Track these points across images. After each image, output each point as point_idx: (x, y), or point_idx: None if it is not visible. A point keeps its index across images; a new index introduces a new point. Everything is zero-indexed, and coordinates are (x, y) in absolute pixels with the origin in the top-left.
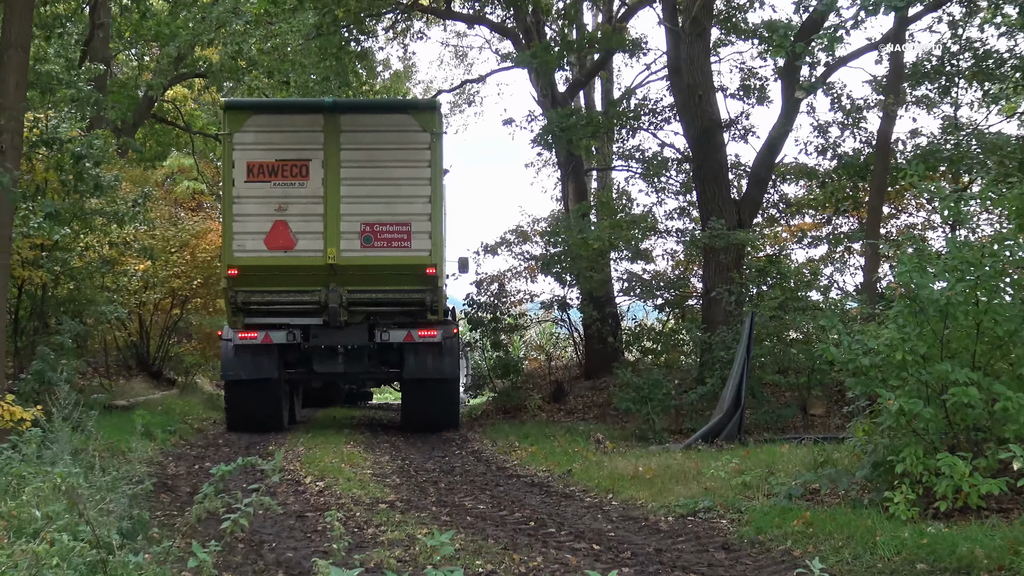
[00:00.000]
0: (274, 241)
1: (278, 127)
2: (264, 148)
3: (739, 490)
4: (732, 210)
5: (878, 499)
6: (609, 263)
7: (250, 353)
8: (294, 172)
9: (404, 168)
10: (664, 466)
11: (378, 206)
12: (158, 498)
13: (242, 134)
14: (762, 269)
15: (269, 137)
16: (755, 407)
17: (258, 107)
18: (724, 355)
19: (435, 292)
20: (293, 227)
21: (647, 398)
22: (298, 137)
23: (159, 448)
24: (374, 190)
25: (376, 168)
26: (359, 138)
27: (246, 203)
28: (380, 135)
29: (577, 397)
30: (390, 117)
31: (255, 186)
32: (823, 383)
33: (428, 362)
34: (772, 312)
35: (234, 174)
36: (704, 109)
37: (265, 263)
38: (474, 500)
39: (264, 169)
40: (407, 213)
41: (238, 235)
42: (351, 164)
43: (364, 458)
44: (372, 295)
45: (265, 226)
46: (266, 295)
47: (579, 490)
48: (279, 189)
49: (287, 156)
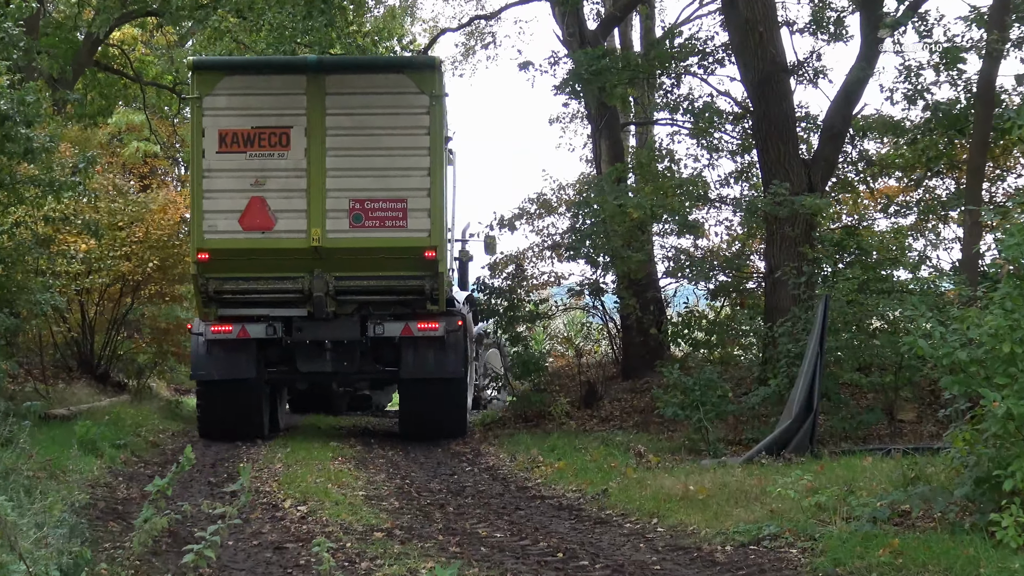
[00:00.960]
0: (250, 221)
1: (254, 89)
2: (238, 114)
3: (812, 513)
4: (800, 172)
5: (982, 522)
6: (651, 238)
7: (224, 349)
8: (273, 141)
9: (399, 136)
10: (720, 484)
11: (369, 180)
12: (106, 526)
13: (213, 98)
14: (838, 243)
15: (244, 101)
16: (830, 412)
17: (232, 67)
18: (792, 349)
19: (436, 279)
20: (272, 204)
21: (698, 402)
22: (277, 101)
23: (106, 466)
24: (365, 162)
25: (367, 136)
26: (347, 101)
27: (218, 177)
28: (371, 98)
29: (613, 401)
30: (383, 77)
31: (228, 157)
32: (913, 382)
33: (429, 359)
34: (850, 296)
35: (204, 144)
36: (766, 49)
37: (240, 246)
38: (489, 527)
39: (238, 138)
40: (403, 188)
41: (208, 214)
42: (338, 132)
43: (355, 477)
44: (363, 282)
45: (240, 203)
46: (241, 283)
47: (617, 514)
48: (256, 161)
49: (265, 123)
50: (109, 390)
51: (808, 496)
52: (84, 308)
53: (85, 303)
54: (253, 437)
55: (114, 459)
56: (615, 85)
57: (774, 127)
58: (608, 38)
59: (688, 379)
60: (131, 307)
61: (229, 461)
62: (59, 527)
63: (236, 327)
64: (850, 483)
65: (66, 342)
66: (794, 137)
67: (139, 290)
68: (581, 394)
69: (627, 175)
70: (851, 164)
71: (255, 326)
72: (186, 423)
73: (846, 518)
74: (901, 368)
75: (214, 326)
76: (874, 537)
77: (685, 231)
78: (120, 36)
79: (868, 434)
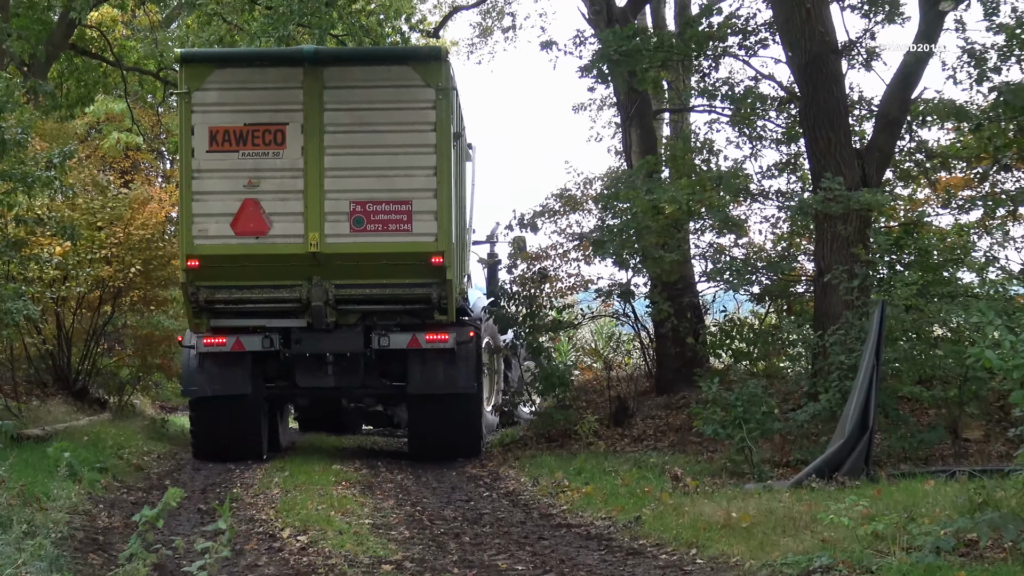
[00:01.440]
0: (243, 225)
1: (248, 83)
2: (231, 110)
3: (868, 542)
4: (853, 163)
5: None
6: (687, 237)
7: (217, 363)
8: (267, 139)
9: (403, 133)
10: (766, 511)
11: (371, 180)
12: (85, 559)
13: (203, 92)
14: (895, 242)
15: (237, 96)
16: (888, 430)
17: (223, 59)
18: (844, 360)
19: (443, 286)
20: (266, 207)
21: (741, 419)
22: (273, 96)
23: (86, 492)
24: (366, 160)
25: (368, 133)
26: (347, 96)
27: (208, 178)
28: (373, 92)
29: (646, 418)
30: (385, 70)
31: (220, 157)
32: (980, 397)
33: (439, 373)
34: (909, 301)
35: (193, 142)
36: (814, 27)
37: (232, 252)
38: (510, 559)
39: (231, 136)
40: (407, 189)
41: (199, 218)
42: (337, 129)
43: (360, 503)
44: (365, 291)
45: (232, 206)
46: (234, 292)
47: (651, 544)
48: (249, 160)
49: (259, 120)
50: (88, 408)
51: (864, 524)
52: (60, 318)
53: (61, 313)
54: (251, 457)
55: (94, 484)
56: (647, 68)
57: (823, 114)
58: (639, 16)
59: (729, 394)
60: (111, 316)
61: (221, 486)
62: (37, 559)
63: (230, 339)
64: (910, 509)
65: (40, 355)
66: (845, 125)
67: (120, 297)
68: (611, 411)
69: (660, 168)
70: (908, 154)
71: (250, 338)
72: (173, 444)
73: (906, 548)
74: (966, 381)
75: (206, 338)
76: (938, 569)
77: (726, 229)
78: (99, 16)
79: (930, 455)
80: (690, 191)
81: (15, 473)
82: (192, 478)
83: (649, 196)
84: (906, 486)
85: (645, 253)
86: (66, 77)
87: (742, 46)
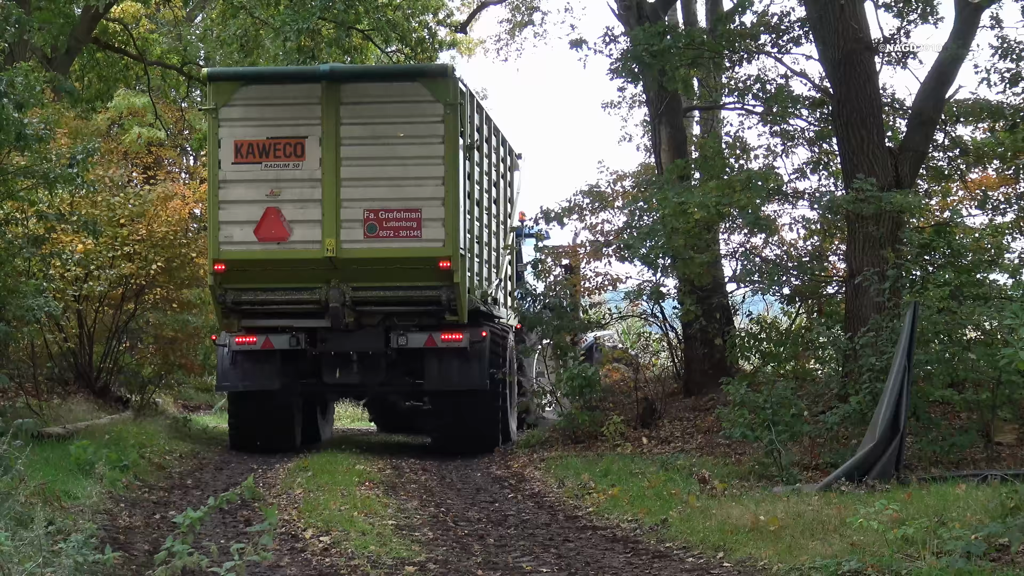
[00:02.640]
0: (265, 231)
1: (270, 100)
2: (254, 124)
3: (898, 547)
4: (887, 163)
5: None
6: (717, 238)
7: (249, 360)
8: (288, 151)
9: (413, 145)
10: (795, 514)
11: (384, 189)
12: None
13: (229, 108)
14: (927, 243)
15: (260, 111)
16: (919, 433)
17: (247, 77)
18: (875, 363)
19: (452, 289)
20: (287, 215)
21: (770, 421)
22: (293, 111)
23: (107, 491)
24: (379, 171)
25: (382, 146)
26: (362, 111)
27: (234, 187)
28: (386, 107)
29: (674, 421)
30: (398, 86)
31: (244, 168)
32: (1013, 400)
33: (453, 370)
34: (942, 303)
35: (220, 155)
36: (847, 24)
37: (256, 257)
38: (534, 561)
39: (254, 148)
40: (417, 197)
41: (225, 224)
42: (353, 141)
43: (384, 504)
44: (379, 293)
45: (255, 214)
46: (259, 294)
47: (678, 547)
48: (271, 171)
49: (280, 133)
50: (109, 406)
51: (894, 528)
52: (82, 315)
53: (83, 310)
54: (285, 449)
55: (115, 483)
56: (678, 66)
57: (856, 112)
58: (669, 12)
59: (758, 396)
60: (134, 314)
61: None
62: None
63: (260, 338)
64: (941, 513)
65: (62, 353)
66: (879, 124)
67: (142, 295)
68: (638, 412)
69: (691, 172)
70: (942, 151)
71: (279, 337)
72: (195, 443)
73: (937, 553)
74: (999, 384)
75: (239, 337)
76: (968, 574)
77: (756, 229)
78: (121, 11)
79: (962, 458)
80: (719, 194)
81: (36, 471)
82: (215, 477)
83: (678, 199)
84: (937, 490)
85: (675, 254)
86: (88, 71)
87: (775, 44)
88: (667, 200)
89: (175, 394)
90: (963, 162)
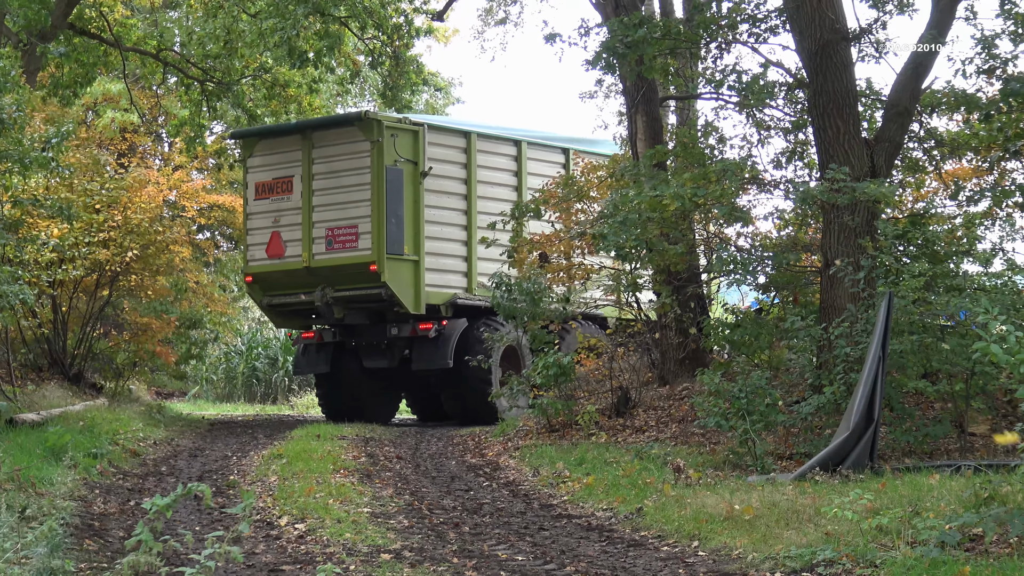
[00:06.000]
0: (272, 250)
1: (275, 150)
2: (266, 169)
3: (872, 536)
4: (862, 153)
5: None
6: (692, 227)
7: (311, 351)
8: (283, 188)
9: (351, 175)
10: (769, 503)
11: (336, 212)
12: (81, 545)
13: (252, 159)
14: (902, 234)
15: (268, 159)
16: (893, 423)
17: (262, 133)
18: (850, 353)
19: (386, 287)
20: (284, 236)
21: (744, 411)
22: (286, 156)
23: (81, 478)
24: (333, 197)
25: (334, 178)
26: (323, 152)
27: (255, 218)
28: (337, 147)
29: (648, 409)
30: (343, 130)
31: (261, 203)
32: (986, 391)
33: (426, 354)
34: (916, 293)
35: (247, 194)
36: (824, 14)
37: (267, 270)
38: (510, 549)
39: (265, 187)
40: (355, 216)
41: (251, 247)
42: (319, 176)
43: (359, 492)
44: (345, 293)
45: (266, 237)
46: (279, 298)
47: (652, 536)
48: (275, 204)
49: (280, 174)
50: (83, 393)
51: (868, 518)
52: (56, 302)
53: (57, 296)
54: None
55: (89, 469)
56: (654, 56)
57: (832, 103)
58: (645, 2)
59: (732, 386)
60: (108, 300)
61: (218, 473)
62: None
63: (316, 334)
64: (915, 503)
65: (36, 339)
66: (855, 114)
67: (117, 281)
68: (612, 401)
69: (667, 159)
70: (918, 141)
71: (328, 332)
72: (169, 430)
73: (911, 542)
74: (973, 375)
75: (304, 333)
76: (942, 564)
77: (732, 220)
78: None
79: (935, 449)
80: (694, 185)
81: (10, 457)
82: (189, 464)
83: (653, 191)
84: (911, 480)
85: (649, 245)
86: (67, 57)
87: (751, 33)
88: (642, 192)
89: (148, 381)
90: (938, 153)
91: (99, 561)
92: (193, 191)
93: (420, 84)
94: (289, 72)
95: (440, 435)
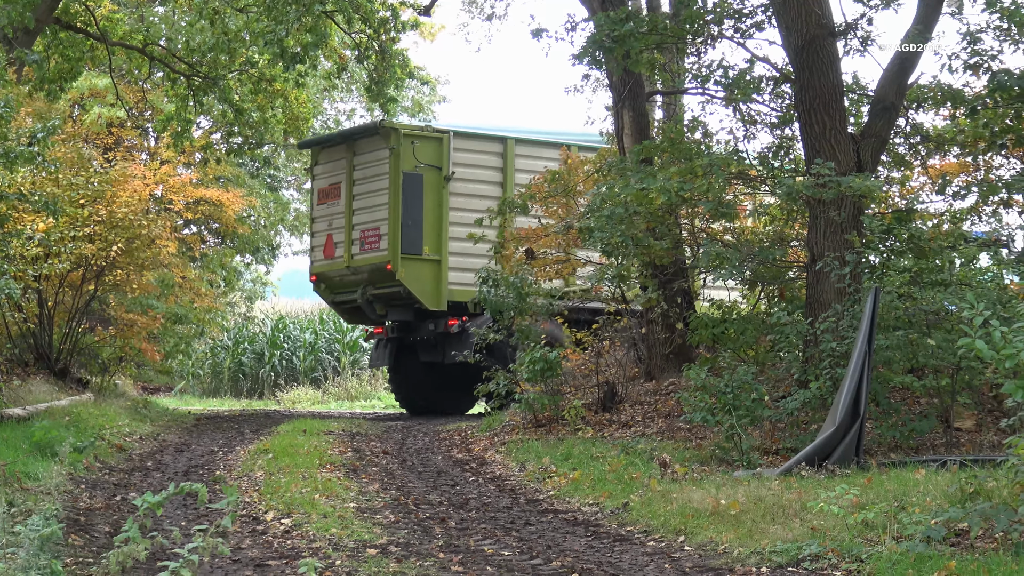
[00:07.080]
0: (327, 251)
1: (331, 158)
2: (325, 176)
3: (858, 531)
4: (848, 148)
5: None
6: (679, 222)
7: (380, 346)
8: (335, 194)
9: (375, 180)
10: (755, 498)
11: (366, 215)
12: (66, 540)
13: (317, 167)
14: (888, 229)
15: (326, 167)
16: (879, 418)
17: (322, 142)
18: (836, 348)
19: (402, 286)
20: (335, 239)
21: (730, 406)
22: (337, 165)
23: (67, 472)
24: (365, 202)
25: (366, 183)
26: (360, 159)
27: (317, 222)
28: (367, 155)
29: (635, 404)
30: (371, 139)
31: (321, 208)
32: (972, 386)
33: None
34: (902, 288)
35: (312, 199)
36: (810, 9)
37: (324, 270)
38: (496, 544)
39: (323, 193)
40: (378, 219)
41: (313, 248)
42: (357, 182)
43: (345, 487)
44: (378, 291)
45: (323, 240)
46: (338, 296)
47: (638, 531)
48: (329, 209)
49: (333, 181)
50: (69, 388)
51: (854, 512)
52: (41, 296)
53: (43, 291)
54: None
55: (75, 464)
56: (640, 51)
57: (818, 98)
58: None
59: (719, 381)
60: (94, 295)
61: (204, 468)
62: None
63: (385, 329)
64: (901, 498)
65: (21, 333)
66: (841, 109)
67: (102, 276)
68: (599, 396)
69: (654, 154)
70: (904, 137)
71: (392, 328)
72: (155, 425)
73: (896, 537)
74: (959, 371)
75: (376, 329)
76: (928, 559)
77: (718, 215)
78: None
79: (921, 444)
80: (680, 179)
81: None
82: (175, 459)
83: (639, 185)
84: (897, 475)
85: (635, 241)
86: (52, 51)
87: (737, 29)
88: (628, 186)
89: (134, 376)
90: (924, 148)
91: (85, 556)
92: (180, 185)
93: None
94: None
95: (427, 430)
